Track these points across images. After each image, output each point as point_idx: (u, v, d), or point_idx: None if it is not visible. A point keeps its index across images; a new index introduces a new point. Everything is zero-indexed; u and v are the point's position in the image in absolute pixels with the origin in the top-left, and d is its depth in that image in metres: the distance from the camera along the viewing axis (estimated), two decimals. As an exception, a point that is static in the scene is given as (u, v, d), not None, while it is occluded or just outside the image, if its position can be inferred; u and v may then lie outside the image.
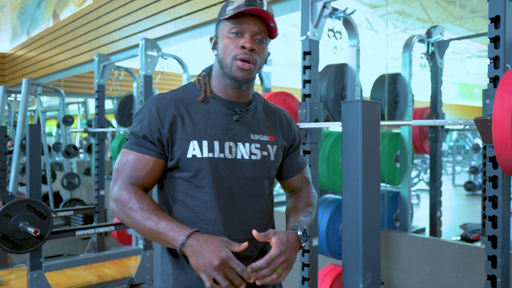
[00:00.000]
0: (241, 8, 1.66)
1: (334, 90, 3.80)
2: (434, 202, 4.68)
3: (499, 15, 2.31)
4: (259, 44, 1.72)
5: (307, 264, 3.29)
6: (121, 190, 1.67)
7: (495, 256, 2.37)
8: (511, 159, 2.00)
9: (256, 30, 1.70)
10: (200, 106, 1.76)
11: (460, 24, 11.51)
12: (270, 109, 1.95)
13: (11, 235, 3.87)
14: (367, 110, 1.51)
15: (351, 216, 1.53)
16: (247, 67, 1.69)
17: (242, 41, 1.68)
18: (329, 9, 3.29)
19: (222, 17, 1.74)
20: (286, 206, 2.01)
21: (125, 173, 1.70)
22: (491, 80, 2.33)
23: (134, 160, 1.71)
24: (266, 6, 1.71)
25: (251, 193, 1.80)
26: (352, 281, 1.53)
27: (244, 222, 1.78)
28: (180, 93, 1.80)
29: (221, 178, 1.73)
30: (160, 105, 1.72)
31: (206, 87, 1.80)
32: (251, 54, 1.69)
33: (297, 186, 2.03)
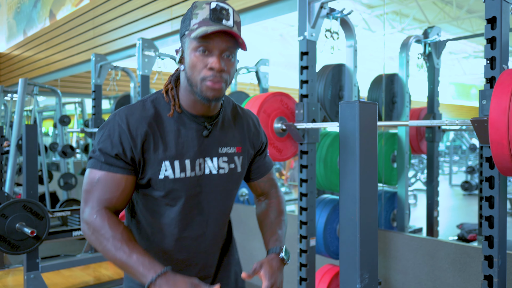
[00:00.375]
0: (207, 23, 1.57)
1: (331, 90, 3.80)
2: (431, 202, 4.69)
3: (495, 16, 2.31)
4: (227, 61, 1.63)
5: (304, 264, 3.30)
6: (94, 214, 1.61)
7: (492, 256, 2.38)
8: (507, 159, 2.00)
9: (224, 47, 1.61)
10: (170, 123, 1.71)
11: (457, 24, 11.52)
12: (239, 116, 1.92)
13: (7, 236, 3.85)
14: (364, 110, 1.52)
15: (348, 217, 1.53)
16: (217, 87, 1.62)
17: (211, 61, 1.59)
18: (327, 9, 3.29)
19: (186, 31, 1.64)
20: (258, 213, 2.05)
21: (96, 195, 1.63)
22: (488, 80, 2.34)
23: (106, 180, 1.64)
24: (232, 16, 1.63)
25: (220, 205, 1.83)
26: (350, 281, 1.53)
27: (214, 234, 1.83)
28: (149, 107, 1.71)
29: (191, 195, 1.74)
30: (131, 122, 1.65)
31: (175, 100, 1.73)
32: (220, 74, 1.61)
33: (264, 188, 2.05)
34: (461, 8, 10.89)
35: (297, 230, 4.79)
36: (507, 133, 1.94)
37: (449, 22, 11.46)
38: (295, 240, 4.78)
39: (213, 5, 1.59)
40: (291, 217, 4.98)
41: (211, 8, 1.58)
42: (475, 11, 10.84)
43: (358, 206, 1.50)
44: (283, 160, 3.57)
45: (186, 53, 1.64)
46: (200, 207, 1.77)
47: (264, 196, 2.07)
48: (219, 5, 1.60)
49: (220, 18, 1.58)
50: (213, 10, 1.58)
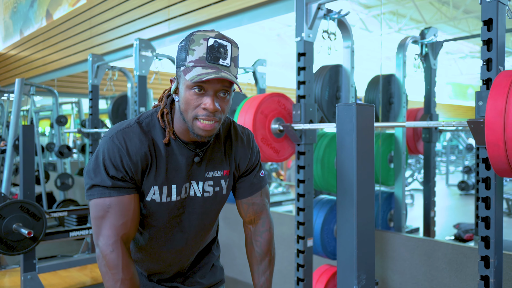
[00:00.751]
0: (203, 65, 1.54)
1: (328, 91, 3.81)
2: (428, 202, 4.70)
3: (492, 17, 2.32)
4: (222, 100, 1.61)
5: (301, 264, 3.30)
6: (110, 247, 1.61)
7: (488, 256, 2.39)
8: (503, 160, 2.02)
9: (219, 88, 1.58)
10: (162, 149, 1.70)
11: (454, 24, 11.54)
12: (230, 138, 1.88)
13: (4, 237, 3.86)
14: (361, 113, 1.52)
15: (345, 218, 1.54)
16: (209, 128, 1.60)
17: (205, 101, 1.57)
18: (324, 10, 3.30)
19: (182, 66, 1.59)
20: (246, 244, 2.02)
21: (111, 221, 1.63)
22: (484, 82, 2.35)
23: (117, 204, 1.64)
24: (230, 52, 1.58)
25: (201, 224, 1.86)
26: (347, 282, 1.54)
27: (192, 248, 1.89)
28: (145, 131, 1.70)
29: (173, 216, 1.78)
30: (130, 147, 1.65)
31: (170, 126, 1.71)
32: (214, 114, 1.59)
33: (248, 211, 1.97)
34: (458, 8, 10.91)
35: (294, 230, 4.81)
36: (503, 135, 1.95)
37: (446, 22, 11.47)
38: (292, 240, 4.80)
39: (210, 41, 1.55)
40: (287, 217, 4.99)
41: (208, 46, 1.54)
42: (471, 12, 10.86)
43: (355, 208, 1.51)
44: (280, 160, 3.58)
45: (181, 88, 1.62)
46: (181, 225, 1.81)
47: (252, 226, 2.01)
48: (217, 42, 1.55)
49: (217, 57, 1.55)
50: (210, 48, 1.54)
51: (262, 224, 1.98)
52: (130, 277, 1.62)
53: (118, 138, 1.64)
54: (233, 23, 5.69)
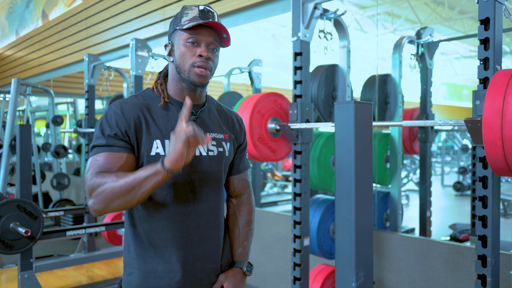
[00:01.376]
0: (197, 20, 1.82)
1: (325, 90, 3.82)
2: (424, 202, 4.73)
3: (489, 17, 2.34)
4: (213, 53, 1.88)
5: (298, 264, 3.31)
6: (92, 179, 1.72)
7: (485, 255, 2.40)
8: (501, 159, 2.02)
9: (210, 40, 1.86)
10: (160, 110, 1.90)
11: (449, 25, 11.57)
12: (223, 112, 2.13)
13: (1, 236, 3.85)
14: (360, 110, 1.53)
15: (344, 216, 1.54)
16: (204, 74, 1.85)
17: (199, 50, 1.84)
18: (320, 10, 3.32)
19: (178, 27, 1.87)
20: (228, 215, 2.20)
21: (97, 165, 1.76)
22: (481, 81, 2.36)
23: (107, 156, 1.78)
24: (217, 18, 1.89)
25: (210, 185, 1.96)
26: (346, 280, 1.54)
27: (205, 212, 1.95)
28: (140, 98, 1.92)
29: (182, 173, 1.86)
30: (124, 108, 1.84)
31: (164, 92, 1.94)
32: (207, 61, 1.85)
33: (237, 186, 2.19)
34: (453, 9, 10.94)
35: (290, 230, 4.82)
36: (500, 134, 1.96)
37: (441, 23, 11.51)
38: (288, 240, 4.81)
39: (201, 7, 1.86)
40: (284, 217, 5.01)
41: (200, 9, 1.85)
42: (467, 12, 10.89)
43: (353, 206, 1.51)
44: (277, 160, 3.59)
45: (176, 46, 1.88)
46: (192, 186, 1.90)
47: (236, 199, 2.22)
48: (206, 8, 1.87)
49: (207, 17, 1.84)
50: (201, 11, 1.84)
51: (246, 197, 2.22)
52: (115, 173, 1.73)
53: (116, 104, 1.87)
54: (229, 23, 5.70)
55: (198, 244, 1.93)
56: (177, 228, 1.88)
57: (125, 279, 1.93)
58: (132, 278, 1.90)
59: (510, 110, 1.95)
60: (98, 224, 5.00)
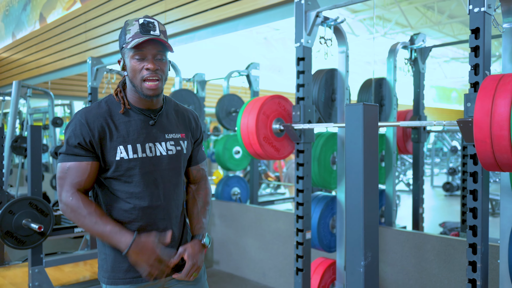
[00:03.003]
0: (139, 36, 1.96)
1: (324, 93, 4.00)
2: (417, 199, 4.91)
3: (479, 27, 2.55)
4: (160, 62, 2.03)
5: (301, 256, 3.50)
6: (70, 197, 2.00)
7: (476, 243, 2.60)
8: (490, 156, 2.24)
9: (155, 52, 2.00)
10: (122, 117, 2.08)
11: (439, 29, 11.75)
12: (180, 111, 2.32)
13: (14, 232, 4.02)
14: (368, 111, 1.75)
15: (354, 204, 1.75)
16: (154, 86, 2.02)
17: (146, 64, 1.99)
18: (321, 18, 3.50)
19: (124, 44, 2.03)
20: (187, 199, 2.45)
21: (69, 180, 2.01)
22: (472, 85, 2.57)
23: (75, 168, 2.01)
24: (158, 27, 2.02)
25: (171, 180, 2.21)
26: (355, 259, 1.75)
27: (168, 205, 2.20)
28: (103, 106, 2.09)
29: (146, 172, 2.11)
30: (89, 117, 2.02)
31: (124, 100, 2.11)
32: (156, 72, 2.01)
33: (196, 175, 2.42)
34: (443, 13, 11.13)
35: (289, 226, 5.01)
36: (489, 133, 2.18)
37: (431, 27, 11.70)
38: (288, 236, 5.00)
39: (141, 21, 2.00)
40: (283, 214, 5.19)
41: (140, 24, 1.99)
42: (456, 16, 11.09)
43: (362, 194, 1.73)
44: (280, 158, 3.76)
45: (127, 62, 2.04)
46: (156, 182, 2.14)
47: (195, 185, 2.44)
48: (146, 20, 2.00)
49: (148, 30, 1.98)
50: (141, 25, 1.99)
51: (204, 183, 2.46)
52: (94, 209, 2.01)
53: (80, 114, 2.04)
54: (228, 28, 5.84)
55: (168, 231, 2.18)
56: (145, 220, 2.14)
57: (100, 263, 2.20)
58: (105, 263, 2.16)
59: (498, 111, 2.16)
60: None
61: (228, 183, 6.64)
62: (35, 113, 10.62)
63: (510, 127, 2.14)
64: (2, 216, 3.98)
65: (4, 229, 4.00)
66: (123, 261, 2.10)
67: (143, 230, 2.11)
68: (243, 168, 7.20)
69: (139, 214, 2.11)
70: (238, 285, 5.39)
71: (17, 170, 8.63)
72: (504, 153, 2.19)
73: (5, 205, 4.01)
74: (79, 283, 4.88)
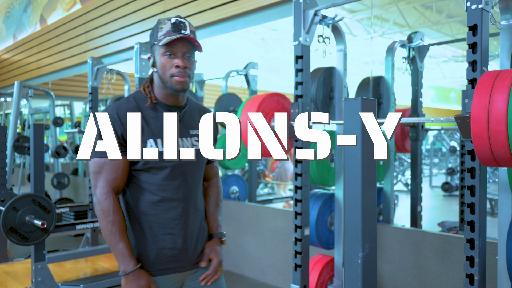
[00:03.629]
0: (171, 34, 2.06)
1: (323, 91, 4.03)
2: (415, 197, 4.93)
3: (477, 23, 2.58)
4: (189, 60, 2.13)
5: (299, 252, 3.53)
6: (104, 195, 2.09)
7: (473, 239, 2.63)
8: (487, 150, 2.27)
9: (185, 50, 2.10)
10: (150, 112, 2.17)
11: (437, 28, 11.74)
12: (201, 109, 2.42)
13: (18, 228, 4.05)
14: (366, 105, 1.77)
15: (352, 196, 1.78)
16: (183, 81, 2.11)
17: (176, 61, 2.09)
18: (319, 16, 3.53)
19: (155, 42, 2.12)
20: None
21: (105, 176, 2.10)
22: (469, 82, 2.60)
23: (110, 163, 2.09)
24: (188, 27, 2.12)
25: (197, 175, 2.31)
26: (353, 250, 1.78)
27: (195, 197, 2.29)
28: (132, 101, 2.18)
29: (175, 165, 2.19)
30: (120, 112, 2.10)
31: (151, 95, 2.19)
32: (184, 70, 2.10)
33: (210, 172, 2.52)
34: (441, 13, 11.12)
35: (287, 224, 5.04)
36: (487, 128, 2.21)
37: (429, 27, 11.69)
38: (286, 234, 5.03)
39: (173, 20, 2.10)
40: (281, 212, 5.21)
41: (172, 23, 2.09)
42: (454, 16, 11.09)
43: (360, 185, 1.75)
44: (279, 156, 3.79)
45: (157, 58, 2.14)
46: (184, 175, 2.22)
47: (207, 182, 2.54)
48: (178, 20, 2.11)
49: (180, 29, 2.08)
50: (173, 24, 2.09)
51: (216, 181, 2.55)
52: (119, 219, 2.10)
53: (112, 110, 2.12)
54: (227, 28, 5.87)
55: (192, 223, 2.27)
56: (172, 213, 2.21)
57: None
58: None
59: (495, 107, 2.19)
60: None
61: (227, 182, 6.66)
62: (36, 113, 10.64)
63: (507, 122, 2.17)
64: (6, 212, 4.01)
65: (8, 225, 4.03)
66: (148, 254, 2.19)
67: (171, 223, 2.20)
68: (241, 167, 7.23)
69: (166, 206, 2.18)
70: (236, 283, 5.41)
71: (19, 170, 8.65)
72: (501, 147, 2.22)
73: (9, 202, 4.05)
74: (80, 279, 4.91)
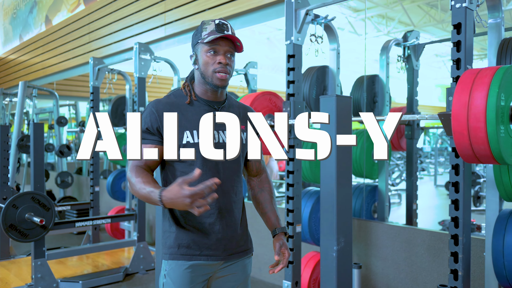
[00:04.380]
0: (215, 33, 2.16)
1: (316, 90, 4.07)
2: (410, 194, 4.95)
3: (461, 22, 2.62)
4: (229, 59, 2.23)
5: (291, 248, 3.58)
6: (129, 171, 2.19)
7: (457, 235, 2.67)
8: (468, 147, 2.31)
9: (227, 49, 2.21)
10: (188, 106, 2.27)
11: (442, 27, 11.71)
12: (242, 106, 2.48)
13: (17, 225, 4.13)
14: (340, 102, 1.82)
15: (327, 191, 1.83)
16: (224, 77, 2.20)
17: (218, 58, 2.18)
18: (311, 15, 3.58)
19: (199, 40, 2.22)
20: (254, 194, 2.55)
21: (135, 161, 2.20)
22: (454, 79, 2.64)
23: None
24: (230, 29, 2.22)
25: (231, 168, 2.34)
26: (328, 244, 1.83)
27: (228, 189, 2.32)
28: (172, 97, 2.29)
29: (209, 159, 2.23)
30: (158, 106, 2.22)
31: (190, 92, 2.30)
32: (226, 67, 2.20)
33: (257, 167, 2.53)
34: (446, 11, 11.09)
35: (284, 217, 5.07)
36: (467, 125, 2.25)
37: (435, 25, 11.66)
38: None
39: (216, 21, 2.21)
40: (280, 209, 5.25)
41: (215, 24, 2.20)
42: (459, 15, 11.05)
43: (335, 180, 1.80)
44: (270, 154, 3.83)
45: (200, 56, 2.23)
46: (217, 167, 2.28)
47: (257, 178, 2.56)
48: (221, 22, 2.22)
49: (222, 30, 2.19)
50: (217, 24, 2.20)
51: (266, 176, 2.57)
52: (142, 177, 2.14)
53: (152, 105, 2.25)
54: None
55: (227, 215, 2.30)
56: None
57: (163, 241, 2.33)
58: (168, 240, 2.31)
59: (475, 104, 2.24)
60: (104, 216, 5.30)
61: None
62: (41, 113, 10.73)
63: (486, 119, 2.21)
64: (6, 209, 4.08)
65: (8, 222, 4.11)
66: (185, 238, 2.26)
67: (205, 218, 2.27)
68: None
69: None
70: (235, 281, 5.44)
71: (24, 169, 8.71)
72: (480, 144, 2.26)
73: (8, 200, 4.12)
74: (80, 275, 4.97)
